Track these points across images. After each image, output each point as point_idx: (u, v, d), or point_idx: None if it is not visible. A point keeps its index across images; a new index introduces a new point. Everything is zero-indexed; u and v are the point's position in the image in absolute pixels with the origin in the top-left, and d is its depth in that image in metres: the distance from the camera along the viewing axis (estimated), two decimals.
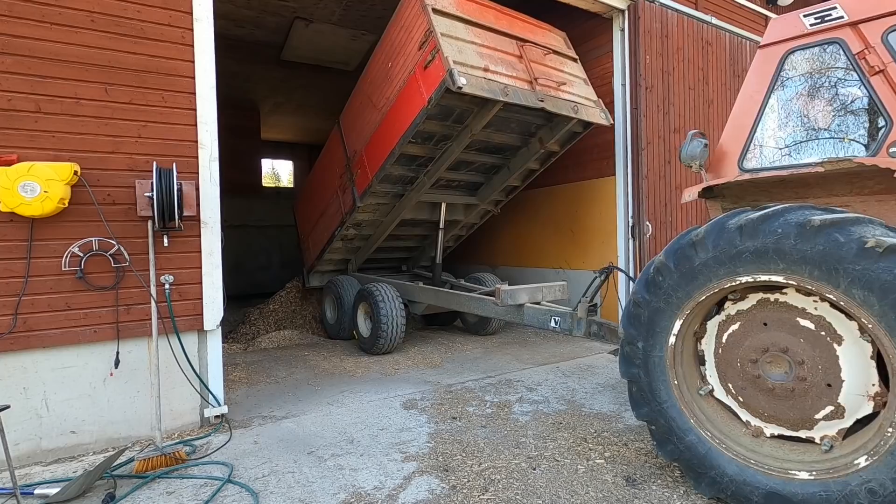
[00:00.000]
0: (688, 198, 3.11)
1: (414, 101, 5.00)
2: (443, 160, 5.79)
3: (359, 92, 6.28)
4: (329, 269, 7.75)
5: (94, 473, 2.89)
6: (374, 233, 7.00)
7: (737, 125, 3.02)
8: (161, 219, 3.46)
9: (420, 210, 6.62)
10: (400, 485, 2.93)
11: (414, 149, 5.56)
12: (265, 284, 11.58)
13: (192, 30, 3.79)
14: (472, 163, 6.21)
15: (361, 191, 6.12)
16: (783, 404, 2.53)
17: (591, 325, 4.30)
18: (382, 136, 5.62)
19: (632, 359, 2.87)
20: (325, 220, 7.19)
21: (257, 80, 11.62)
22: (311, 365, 5.76)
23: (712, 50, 7.12)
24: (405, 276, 7.88)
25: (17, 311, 3.28)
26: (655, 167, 6.43)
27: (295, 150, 19.09)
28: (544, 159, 6.38)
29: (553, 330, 4.55)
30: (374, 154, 5.81)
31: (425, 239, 7.65)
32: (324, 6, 8.16)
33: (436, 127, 5.37)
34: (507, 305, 4.81)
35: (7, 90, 3.26)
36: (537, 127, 5.96)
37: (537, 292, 4.93)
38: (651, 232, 6.36)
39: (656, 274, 2.73)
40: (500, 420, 3.91)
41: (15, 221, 3.28)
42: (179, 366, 3.74)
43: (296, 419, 4.04)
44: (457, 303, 5.73)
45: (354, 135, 6.32)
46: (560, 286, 5.15)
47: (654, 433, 2.83)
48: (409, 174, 6.01)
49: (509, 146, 6.15)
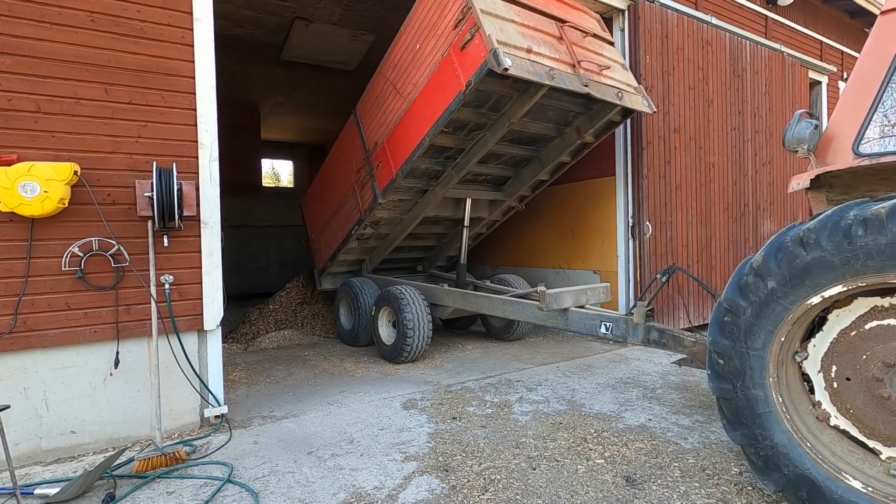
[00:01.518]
0: (797, 186, 2.66)
1: (448, 85, 4.58)
2: (474, 152, 5.43)
3: (380, 78, 5.78)
4: (342, 271, 7.37)
5: (94, 473, 2.89)
6: (392, 231, 6.63)
7: (852, 103, 2.56)
8: (161, 219, 3.46)
9: (444, 207, 6.24)
10: (400, 485, 2.93)
11: (444, 139, 5.18)
12: (265, 284, 11.58)
13: (192, 30, 3.79)
14: (502, 155, 5.86)
15: (383, 186, 5.66)
16: None
17: (650, 332, 3.94)
18: (409, 125, 5.18)
19: (724, 374, 2.51)
20: (339, 218, 6.76)
21: (257, 80, 11.62)
22: (311, 365, 5.76)
23: (712, 50, 7.12)
24: (421, 276, 7.48)
25: (17, 311, 3.28)
26: (655, 167, 6.43)
27: (295, 150, 19.09)
28: (577, 151, 5.97)
29: (603, 337, 4.22)
30: (399, 146, 5.36)
31: (444, 237, 7.31)
32: (324, 6, 8.16)
33: (470, 115, 5.00)
34: (552, 310, 4.46)
35: (7, 90, 3.26)
36: (574, 116, 5.59)
37: (581, 295, 4.61)
38: (651, 232, 6.36)
39: (754, 276, 2.39)
40: (500, 420, 3.91)
41: (15, 221, 3.28)
42: (179, 366, 3.74)
43: (296, 419, 4.04)
44: (489, 306, 5.30)
45: (375, 125, 5.86)
46: (604, 288, 4.82)
47: (754, 459, 2.48)
48: (436, 167, 5.62)
49: (543, 137, 5.79)
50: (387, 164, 5.57)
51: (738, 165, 7.55)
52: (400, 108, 5.34)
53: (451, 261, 7.77)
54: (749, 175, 7.72)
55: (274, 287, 9.23)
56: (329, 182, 7.14)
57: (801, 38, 9.11)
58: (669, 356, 5.70)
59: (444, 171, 5.72)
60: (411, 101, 5.11)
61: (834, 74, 9.70)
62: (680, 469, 3.07)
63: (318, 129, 16.48)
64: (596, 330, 4.25)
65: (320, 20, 8.64)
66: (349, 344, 6.63)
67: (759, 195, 7.89)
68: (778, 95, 8.21)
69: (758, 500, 2.70)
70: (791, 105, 8.46)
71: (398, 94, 5.38)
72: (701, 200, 7.02)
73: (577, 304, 4.54)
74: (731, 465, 3.09)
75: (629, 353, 5.93)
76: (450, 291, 5.85)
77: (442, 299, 5.90)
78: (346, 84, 11.75)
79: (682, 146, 6.77)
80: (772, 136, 8.11)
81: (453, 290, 5.82)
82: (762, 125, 7.93)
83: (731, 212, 7.44)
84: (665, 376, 4.97)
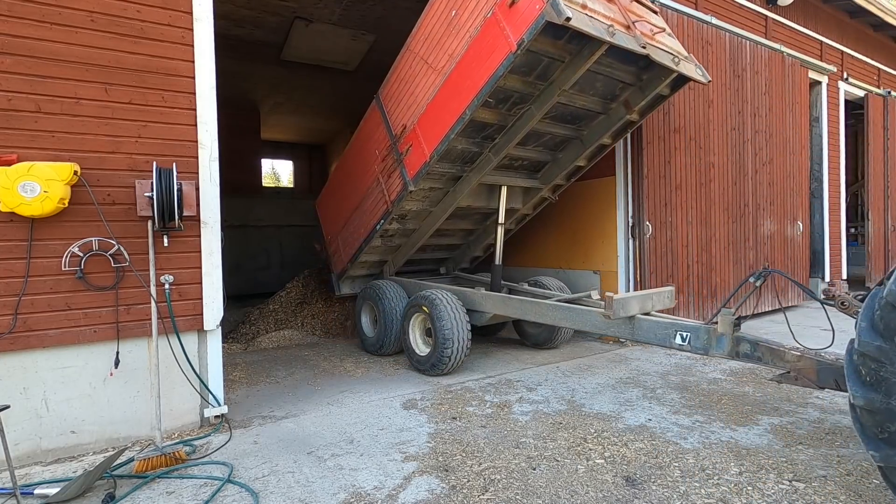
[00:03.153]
0: None
1: (495, 48, 4.24)
2: (515, 130, 5.03)
3: (408, 55, 5.40)
4: (362, 274, 6.89)
5: (94, 473, 2.89)
6: (419, 227, 6.16)
7: None
8: (161, 219, 3.46)
9: (477, 196, 5.84)
10: (400, 485, 2.93)
11: (485, 114, 4.82)
12: (265, 284, 11.57)
13: (192, 30, 3.79)
14: (542, 135, 5.45)
15: (415, 172, 5.21)
16: None
17: (740, 344, 3.44)
18: (445, 101, 4.78)
19: (877, 433, 2.16)
20: (361, 214, 6.26)
21: (257, 80, 11.63)
22: (311, 365, 5.77)
23: (712, 50, 7.12)
24: (445, 279, 7.00)
25: (17, 311, 3.28)
26: (655, 167, 6.43)
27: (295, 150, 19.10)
28: (620, 131, 5.62)
29: (679, 348, 3.77)
30: (434, 125, 4.94)
31: (470, 235, 6.90)
32: (324, 6, 8.16)
33: (516, 83, 4.64)
34: (620, 318, 4.00)
35: (7, 90, 3.26)
36: (623, 88, 5.22)
37: (647, 300, 4.18)
38: (651, 232, 6.37)
39: None
40: (500, 420, 3.91)
41: (15, 221, 3.28)
42: (179, 366, 3.74)
43: (296, 419, 4.04)
44: (536, 313, 4.78)
45: (403, 107, 5.47)
46: (668, 292, 4.37)
47: None
48: (472, 149, 5.24)
49: (588, 114, 5.39)
50: (418, 147, 5.14)
51: (738, 165, 7.56)
52: (433, 84, 4.94)
53: (474, 262, 7.47)
54: (749, 175, 7.72)
55: (274, 287, 9.22)
56: (348, 177, 6.62)
57: (801, 38, 9.11)
58: (669, 356, 5.71)
59: (481, 154, 5.32)
60: (447, 75, 4.74)
61: (834, 74, 9.70)
62: (680, 469, 3.07)
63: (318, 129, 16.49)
64: (669, 340, 3.82)
65: (320, 20, 8.64)
66: (373, 353, 6.17)
67: (759, 195, 7.89)
68: (778, 95, 8.21)
69: (758, 501, 2.70)
70: (791, 105, 8.46)
71: (430, 69, 4.98)
72: (701, 200, 7.02)
73: (643, 310, 4.13)
74: (731, 465, 3.09)
75: (629, 353, 5.93)
76: (489, 296, 5.37)
77: (480, 305, 5.40)
78: (346, 84, 11.76)
79: (682, 146, 6.77)
80: (772, 136, 8.11)
81: (493, 295, 5.37)
82: (762, 125, 7.93)
83: (731, 212, 7.44)
84: (665, 376, 4.97)
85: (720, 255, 7.28)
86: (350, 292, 6.94)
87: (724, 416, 3.89)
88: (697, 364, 5.38)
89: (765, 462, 3.13)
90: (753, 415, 3.92)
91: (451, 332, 4.97)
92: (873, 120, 10.31)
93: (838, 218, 10.00)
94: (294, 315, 7.99)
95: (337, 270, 6.93)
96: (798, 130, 8.64)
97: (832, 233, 9.74)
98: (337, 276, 6.93)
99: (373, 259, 6.56)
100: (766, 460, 3.15)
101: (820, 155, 9.60)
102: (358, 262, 6.50)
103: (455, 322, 5.03)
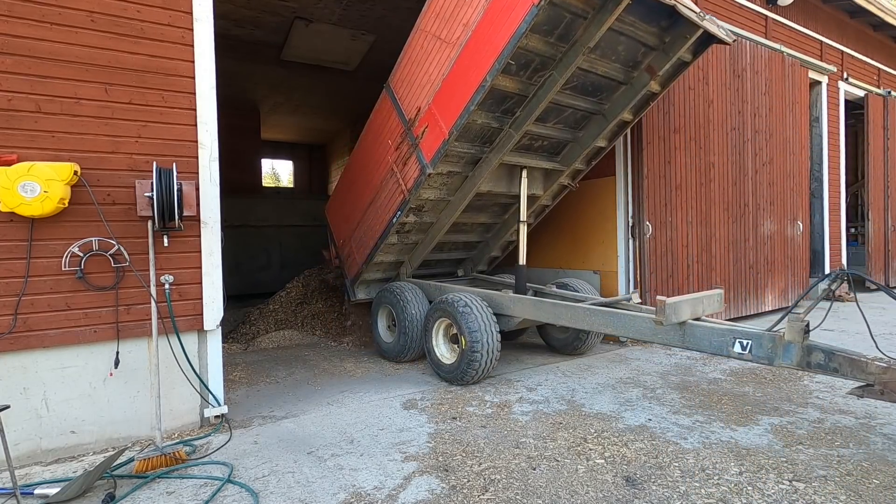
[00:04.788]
0: None
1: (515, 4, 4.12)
2: (537, 99, 4.87)
3: (418, 36, 5.32)
4: (377, 278, 6.60)
5: (94, 473, 2.89)
6: (437, 220, 5.94)
7: None
8: (161, 219, 3.46)
9: (498, 181, 5.63)
10: (400, 485, 2.93)
11: (506, 82, 4.66)
12: (265, 284, 11.58)
13: (192, 30, 3.79)
14: (563, 110, 5.29)
15: (432, 153, 5.03)
16: None
17: (812, 353, 3.12)
18: (463, 71, 4.66)
19: None
20: (375, 210, 6.03)
21: (257, 80, 11.63)
22: (311, 365, 5.77)
23: (712, 50, 7.11)
24: (464, 281, 6.76)
25: (17, 311, 3.29)
26: (655, 167, 6.43)
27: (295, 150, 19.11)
28: (642, 104, 5.49)
29: (737, 357, 3.43)
30: (451, 99, 4.80)
31: (488, 231, 6.68)
32: (324, 6, 8.16)
33: (538, 44, 4.48)
34: (672, 324, 3.68)
35: (7, 90, 3.27)
36: (645, 53, 5.09)
37: (698, 304, 3.83)
38: (651, 232, 6.37)
39: None
40: (500, 420, 3.91)
41: (15, 221, 3.28)
42: (179, 366, 3.74)
43: (296, 419, 4.04)
44: (572, 317, 4.47)
45: (416, 89, 5.34)
46: (717, 295, 4.03)
47: None
48: (492, 125, 5.06)
49: (610, 82, 5.25)
50: (435, 126, 4.99)
51: (738, 165, 7.56)
52: (448, 58, 4.82)
53: (492, 264, 7.29)
54: (749, 175, 7.72)
55: (274, 287, 9.23)
56: (360, 174, 6.43)
57: (801, 38, 9.11)
58: (669, 356, 5.71)
59: (501, 131, 5.14)
60: (462, 45, 4.63)
61: (834, 74, 9.70)
62: (680, 469, 3.07)
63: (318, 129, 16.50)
64: (726, 349, 3.47)
65: (320, 20, 8.64)
66: (392, 360, 5.85)
67: (759, 195, 7.89)
68: (778, 95, 8.21)
69: (758, 500, 2.70)
70: (791, 105, 8.46)
71: (444, 44, 4.87)
72: (701, 200, 7.02)
73: (694, 314, 3.81)
74: (731, 465, 3.09)
75: (629, 353, 5.93)
76: (519, 299, 5.03)
77: (508, 308, 5.06)
78: (346, 84, 11.77)
79: (682, 146, 6.78)
80: (772, 136, 8.11)
81: (523, 298, 5.03)
82: (762, 125, 7.93)
83: (731, 212, 7.45)
84: (665, 376, 4.97)
85: (720, 255, 7.28)
86: (366, 298, 6.63)
87: (724, 416, 3.89)
88: (697, 364, 5.38)
89: (765, 462, 3.13)
90: (753, 415, 3.92)
91: (480, 338, 4.64)
92: (873, 120, 10.31)
93: (838, 218, 10.00)
94: (294, 315, 8.00)
95: (351, 275, 6.66)
96: (798, 130, 8.64)
97: (832, 233, 9.74)
98: (351, 281, 6.66)
99: (388, 259, 6.34)
100: (766, 460, 3.15)
101: (820, 155, 9.60)
102: (373, 264, 6.26)
103: (484, 328, 4.70)
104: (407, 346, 5.62)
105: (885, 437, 3.48)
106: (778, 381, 4.73)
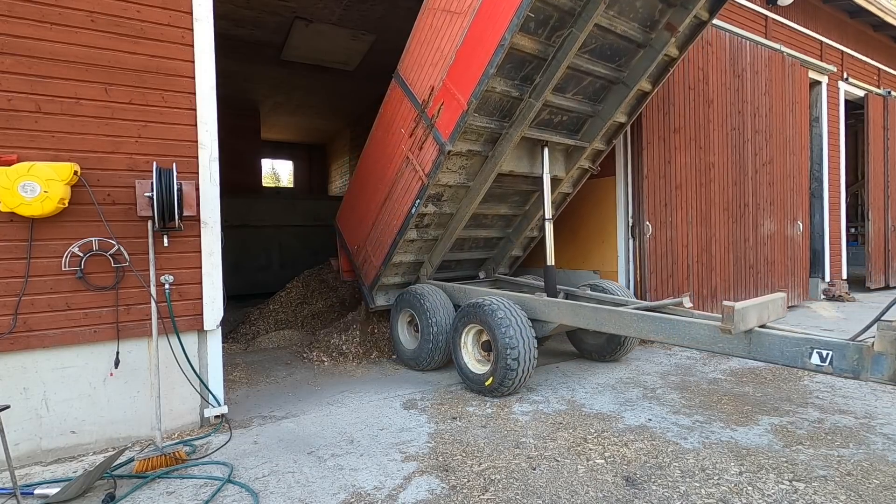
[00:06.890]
0: None
1: None
2: (557, 62, 4.70)
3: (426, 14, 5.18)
4: (396, 282, 6.30)
5: (94, 473, 2.89)
6: (456, 211, 5.68)
7: None
8: (161, 219, 3.46)
9: (519, 160, 5.44)
10: (400, 485, 2.93)
11: (524, 42, 4.49)
12: (265, 284, 11.58)
13: (192, 30, 3.79)
14: (582, 78, 5.16)
15: (451, 129, 4.81)
16: None
17: None
18: (478, 37, 4.51)
19: None
20: (391, 205, 5.77)
21: (257, 80, 11.65)
22: (311, 365, 5.76)
23: (712, 50, 7.12)
24: (486, 284, 6.45)
25: (17, 311, 3.29)
26: (655, 167, 6.43)
27: (295, 150, 19.13)
28: (660, 72, 5.44)
29: (815, 370, 3.06)
30: (468, 68, 4.63)
31: (509, 225, 6.45)
32: (324, 6, 8.17)
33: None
34: (740, 333, 3.32)
35: (7, 90, 3.26)
36: (662, 11, 4.97)
37: (764, 310, 3.47)
38: (651, 232, 6.37)
39: None
40: (500, 420, 3.91)
41: (15, 221, 3.28)
42: (179, 366, 3.74)
43: (296, 419, 4.04)
44: (617, 324, 4.12)
45: (427, 69, 5.22)
46: (780, 299, 3.68)
47: None
48: (511, 93, 4.88)
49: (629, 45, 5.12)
50: (451, 101, 4.81)
51: (738, 165, 7.56)
52: (460, 29, 4.69)
53: (514, 265, 7.13)
54: (749, 175, 7.72)
55: (274, 287, 9.23)
56: (372, 170, 6.22)
57: (801, 38, 9.11)
58: (670, 356, 5.71)
59: (521, 101, 4.96)
60: (475, 11, 4.49)
61: (834, 74, 9.70)
62: (680, 469, 3.07)
63: (318, 129, 16.51)
64: (802, 360, 3.09)
65: (320, 20, 8.65)
66: (413, 368, 5.48)
67: (759, 195, 7.90)
68: (778, 95, 8.21)
69: (758, 500, 2.70)
70: (791, 105, 8.47)
71: (455, 15, 4.76)
72: (701, 200, 7.03)
73: (760, 321, 3.45)
74: (731, 465, 3.09)
75: (629, 352, 5.92)
76: (556, 304, 4.65)
77: (542, 313, 4.71)
78: (346, 84, 11.78)
79: (682, 146, 6.78)
80: (772, 136, 8.11)
81: (561, 303, 4.64)
82: (762, 125, 7.94)
83: (731, 212, 7.45)
84: (665, 376, 4.97)
85: (720, 255, 7.28)
86: (385, 304, 6.30)
87: (724, 416, 3.89)
88: (697, 364, 5.38)
89: (765, 462, 3.13)
90: (753, 415, 3.92)
91: (517, 347, 4.26)
92: (873, 120, 10.31)
93: (838, 218, 10.00)
94: (294, 315, 8.00)
95: (368, 282, 6.35)
96: (798, 130, 8.64)
97: (832, 233, 9.74)
98: (369, 287, 6.32)
99: (407, 260, 6.05)
100: (766, 460, 3.16)
101: (820, 155, 9.60)
102: (391, 265, 5.97)
103: (520, 334, 4.31)
104: (432, 354, 5.24)
105: (885, 437, 3.48)
106: (778, 382, 4.73)
